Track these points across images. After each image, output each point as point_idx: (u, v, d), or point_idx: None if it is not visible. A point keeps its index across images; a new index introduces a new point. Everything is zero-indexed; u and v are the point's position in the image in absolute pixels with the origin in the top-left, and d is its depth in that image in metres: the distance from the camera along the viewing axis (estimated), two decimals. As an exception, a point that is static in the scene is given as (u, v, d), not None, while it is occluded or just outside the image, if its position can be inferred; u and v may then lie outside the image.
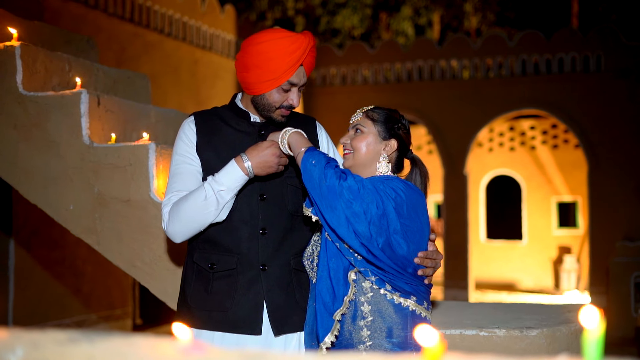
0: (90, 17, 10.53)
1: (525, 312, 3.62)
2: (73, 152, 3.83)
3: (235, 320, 2.76)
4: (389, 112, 2.78)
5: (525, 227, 18.71)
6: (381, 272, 2.45)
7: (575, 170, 17.86)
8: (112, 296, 9.44)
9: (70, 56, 4.38)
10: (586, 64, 14.84)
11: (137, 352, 1.01)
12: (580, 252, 17.63)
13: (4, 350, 1.05)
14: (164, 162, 3.75)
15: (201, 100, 12.82)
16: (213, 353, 1.01)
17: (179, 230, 2.74)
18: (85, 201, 3.81)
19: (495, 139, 18.95)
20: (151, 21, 11.96)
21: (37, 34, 4.82)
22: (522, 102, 15.24)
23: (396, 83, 16.19)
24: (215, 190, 2.65)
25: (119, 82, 4.81)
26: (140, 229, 3.72)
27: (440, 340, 0.99)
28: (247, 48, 2.77)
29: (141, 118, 4.32)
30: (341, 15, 23.86)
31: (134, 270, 3.75)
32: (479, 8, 23.93)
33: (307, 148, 2.56)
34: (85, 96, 3.82)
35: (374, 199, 2.41)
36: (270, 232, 2.81)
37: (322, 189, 2.42)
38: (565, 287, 17.31)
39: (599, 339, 0.96)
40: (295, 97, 2.81)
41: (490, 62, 15.65)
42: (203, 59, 13.35)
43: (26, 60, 4.00)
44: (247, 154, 2.67)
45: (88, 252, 8.51)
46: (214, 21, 13.74)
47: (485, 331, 3.17)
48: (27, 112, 3.91)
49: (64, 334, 1.10)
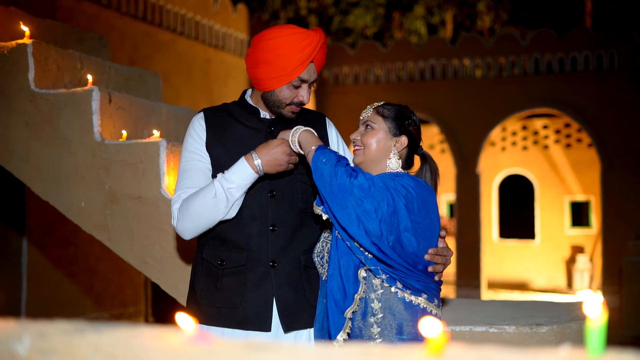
0: (103, 16, 10.57)
1: (535, 309, 3.61)
2: (84, 149, 3.85)
3: (245, 316, 2.76)
4: (399, 108, 2.77)
5: (538, 226, 18.64)
6: (391, 270, 2.45)
7: (588, 170, 17.78)
8: (124, 294, 9.48)
9: (82, 54, 4.40)
10: (599, 63, 14.77)
11: (143, 342, 1.02)
12: (593, 252, 17.55)
13: (11, 340, 1.06)
14: (175, 159, 3.76)
15: (213, 99, 12.84)
16: (218, 344, 1.01)
17: (189, 227, 2.75)
18: (97, 198, 3.83)
19: (508, 138, 18.89)
20: (164, 20, 11.99)
21: (50, 32, 4.85)
22: (534, 101, 15.19)
23: (409, 82, 16.16)
24: (225, 187, 2.66)
25: (130, 80, 4.83)
26: (151, 225, 3.73)
27: (443, 332, 0.99)
28: (258, 44, 2.77)
29: (152, 115, 4.34)
30: (354, 15, 23.86)
31: (145, 267, 3.76)
32: (491, 7, 23.87)
33: (317, 146, 2.55)
34: (97, 93, 3.83)
35: (385, 196, 2.41)
36: (280, 228, 2.81)
37: (333, 187, 2.41)
38: (578, 286, 17.24)
39: (602, 329, 0.96)
40: (305, 94, 2.81)
41: (503, 61, 15.61)
42: (215, 58, 13.37)
43: (38, 58, 4.02)
44: (257, 151, 2.67)
45: (101, 250, 8.54)
46: (227, 20, 13.76)
47: (495, 328, 3.16)
48: (39, 109, 3.93)
49: (71, 324, 1.10)
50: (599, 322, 0.96)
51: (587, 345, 0.96)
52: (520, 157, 18.87)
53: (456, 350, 0.97)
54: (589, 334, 0.96)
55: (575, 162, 18.27)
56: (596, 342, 0.95)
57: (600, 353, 0.94)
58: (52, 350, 1.03)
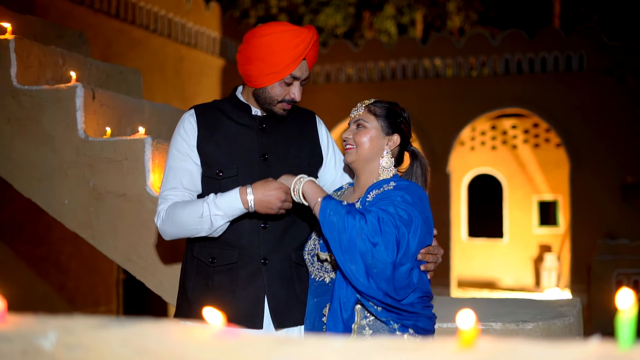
0: (78, 13, 10.49)
1: (518, 306, 3.64)
2: (68, 146, 3.81)
3: (236, 314, 2.75)
4: (391, 105, 2.78)
5: (507, 225, 18.80)
6: (396, 316, 2.45)
7: (556, 169, 17.97)
8: (96, 293, 9.41)
9: (64, 50, 4.36)
10: (569, 64, 14.94)
11: (173, 337, 1.01)
12: (561, 251, 17.75)
13: (36, 335, 1.04)
14: (160, 156, 3.74)
15: (186, 97, 12.79)
16: (247, 338, 1.01)
17: (170, 232, 2.76)
18: (81, 195, 3.79)
19: (477, 137, 19.02)
20: (137, 18, 11.93)
21: (30, 28, 4.80)
22: (505, 101, 15.33)
23: (380, 81, 16.23)
24: (212, 212, 2.63)
25: (111, 77, 4.79)
26: (136, 223, 3.71)
27: (475, 325, 1.00)
28: (251, 40, 2.76)
29: (135, 113, 4.31)
30: (324, 14, 23.88)
31: (130, 265, 3.73)
32: (461, 7, 24.01)
33: (322, 198, 2.48)
34: (81, 90, 3.80)
35: (393, 232, 2.39)
36: (272, 225, 2.80)
37: (342, 241, 2.37)
38: (545, 285, 17.42)
39: (632, 321, 0.97)
40: (297, 91, 2.81)
41: (474, 61, 15.72)
42: (188, 56, 13.33)
43: (20, 54, 3.97)
44: (253, 187, 2.62)
45: (73, 248, 8.47)
46: (199, 18, 13.71)
47: (482, 324, 3.19)
48: (22, 106, 3.88)
49: (94, 319, 1.10)
50: (630, 314, 0.97)
51: (618, 337, 0.97)
52: (489, 156, 19.01)
53: (486, 343, 0.97)
54: (619, 326, 0.97)
55: (543, 162, 18.44)
56: (627, 335, 0.96)
57: (631, 345, 0.94)
58: (79, 345, 1.01)
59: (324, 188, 3.05)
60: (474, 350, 0.95)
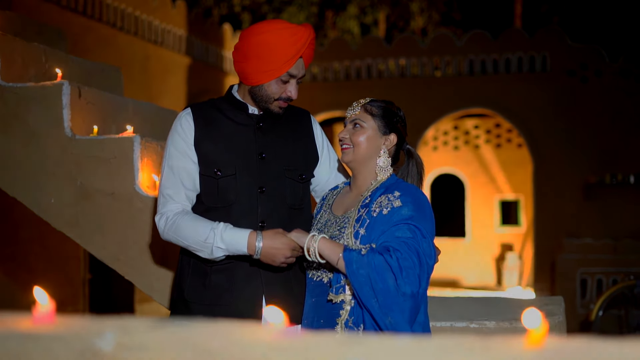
0: (43, 9, 10.35)
1: (504, 305, 3.69)
2: (54, 144, 3.75)
3: (235, 314, 2.74)
4: (387, 105, 2.80)
5: (469, 225, 18.94)
6: None
7: (517, 169, 18.14)
8: (62, 293, 9.28)
9: (46, 47, 4.31)
10: (532, 64, 15.11)
11: (238, 337, 1.00)
12: (522, 250, 17.95)
13: (92, 336, 1.02)
14: (149, 154, 3.71)
15: (152, 96, 12.69)
16: (312, 338, 1.00)
17: (170, 239, 2.76)
18: (68, 194, 3.74)
19: (439, 137, 19.13)
20: (103, 15, 11.81)
21: (10, 24, 4.73)
22: (470, 102, 15.44)
23: (345, 81, 16.24)
24: (215, 243, 2.62)
25: (93, 74, 4.74)
26: (125, 222, 3.67)
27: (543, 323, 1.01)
28: (247, 38, 2.75)
29: (120, 111, 4.27)
30: (287, 13, 23.84)
31: (118, 264, 3.69)
32: (424, 8, 24.15)
33: (342, 252, 2.45)
34: (67, 87, 3.75)
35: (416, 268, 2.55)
36: (269, 225, 2.78)
37: (378, 294, 2.39)
38: (507, 283, 17.59)
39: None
40: (293, 89, 2.81)
41: (438, 62, 15.82)
42: (155, 54, 13.23)
43: (4, 50, 3.92)
44: (264, 235, 2.61)
45: (40, 248, 8.36)
46: (166, 16, 13.61)
47: (475, 323, 3.22)
48: (6, 103, 3.82)
49: (151, 320, 1.08)
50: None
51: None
52: (451, 156, 19.13)
53: (555, 342, 0.98)
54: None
55: (505, 162, 18.61)
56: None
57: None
58: (140, 347, 0.99)
59: (319, 187, 3.07)
60: (542, 349, 0.96)
